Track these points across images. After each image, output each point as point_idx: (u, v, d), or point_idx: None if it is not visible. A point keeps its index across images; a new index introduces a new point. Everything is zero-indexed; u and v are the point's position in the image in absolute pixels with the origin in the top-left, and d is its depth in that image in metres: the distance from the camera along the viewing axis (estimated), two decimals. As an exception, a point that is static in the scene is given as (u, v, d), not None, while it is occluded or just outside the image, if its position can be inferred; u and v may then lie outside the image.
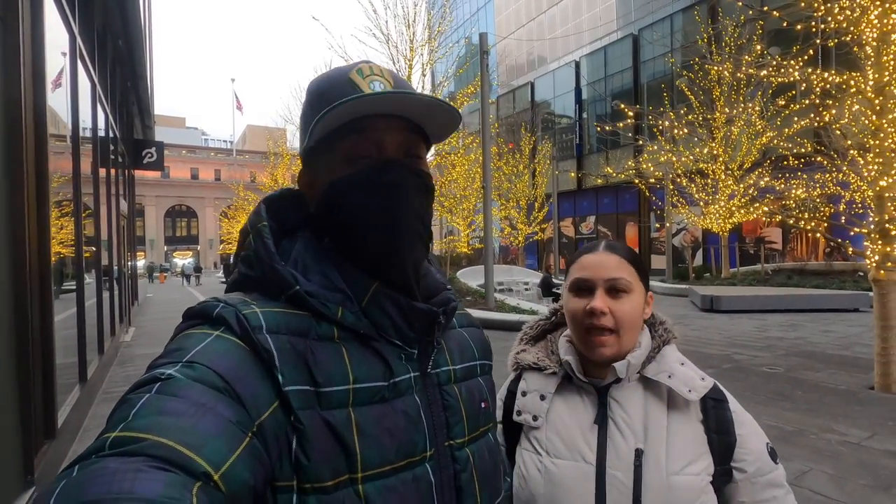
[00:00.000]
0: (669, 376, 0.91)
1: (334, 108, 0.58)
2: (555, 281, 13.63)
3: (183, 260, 50.15)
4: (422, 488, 0.59)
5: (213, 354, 0.51)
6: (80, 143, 5.08)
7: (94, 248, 6.27)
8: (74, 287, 4.92)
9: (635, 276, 0.94)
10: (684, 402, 0.92)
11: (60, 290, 4.36)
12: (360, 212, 0.62)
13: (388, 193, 0.62)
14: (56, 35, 4.18)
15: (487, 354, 0.80)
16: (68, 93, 4.80)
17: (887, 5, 5.28)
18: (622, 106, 10.71)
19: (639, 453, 0.87)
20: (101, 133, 6.92)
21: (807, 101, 6.56)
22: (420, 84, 14.50)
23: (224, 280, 31.02)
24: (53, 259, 3.99)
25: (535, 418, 0.93)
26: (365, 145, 0.63)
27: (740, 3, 6.29)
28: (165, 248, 52.89)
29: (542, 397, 0.94)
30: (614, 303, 0.91)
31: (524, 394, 0.96)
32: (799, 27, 6.12)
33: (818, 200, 7.44)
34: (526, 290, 16.61)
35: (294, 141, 25.57)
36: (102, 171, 7.05)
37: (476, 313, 8.98)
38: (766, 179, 8.35)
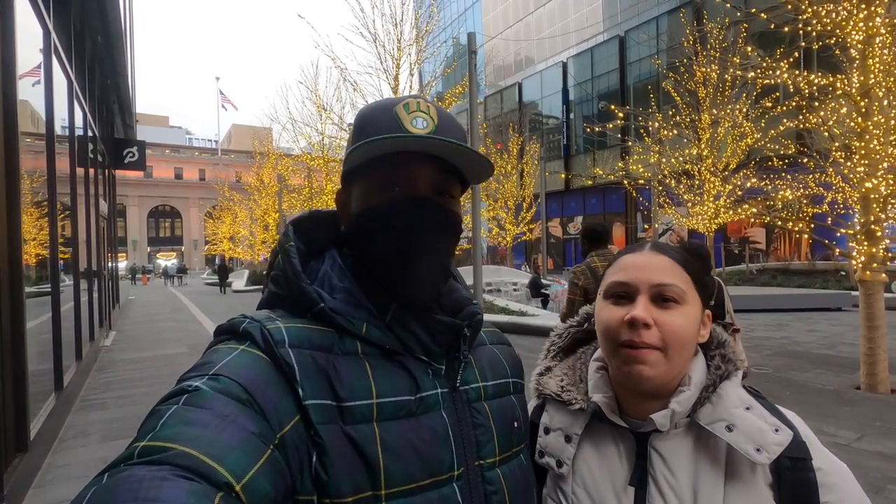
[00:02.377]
0: (729, 428, 0.67)
1: (372, 141, 0.60)
2: (543, 281, 13.64)
3: (166, 261, 49.39)
4: None
5: (237, 367, 0.53)
6: (56, 142, 4.90)
7: (71, 250, 6.08)
8: (50, 290, 4.74)
9: (690, 284, 0.73)
10: (748, 463, 0.67)
11: (35, 294, 4.19)
12: (384, 242, 0.64)
13: (411, 231, 0.63)
14: (28, 29, 4.01)
15: (519, 372, 0.78)
16: (43, 89, 4.62)
17: (872, 9, 5.33)
18: (612, 107, 10.75)
19: None
20: (79, 131, 6.72)
21: (792, 104, 6.62)
22: (408, 84, 14.40)
23: (209, 282, 30.62)
24: (27, 260, 3.83)
25: (559, 464, 0.74)
26: (398, 177, 0.64)
27: (728, 5, 6.31)
28: (149, 249, 52.00)
29: (568, 438, 0.75)
30: (662, 314, 0.69)
31: (547, 431, 0.78)
32: (785, 29, 6.16)
33: (803, 201, 7.51)
34: (514, 290, 16.61)
35: (280, 140, 25.29)
36: (80, 171, 6.85)
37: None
38: (752, 180, 8.43)
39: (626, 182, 18.11)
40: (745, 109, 11.71)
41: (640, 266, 0.73)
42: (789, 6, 5.78)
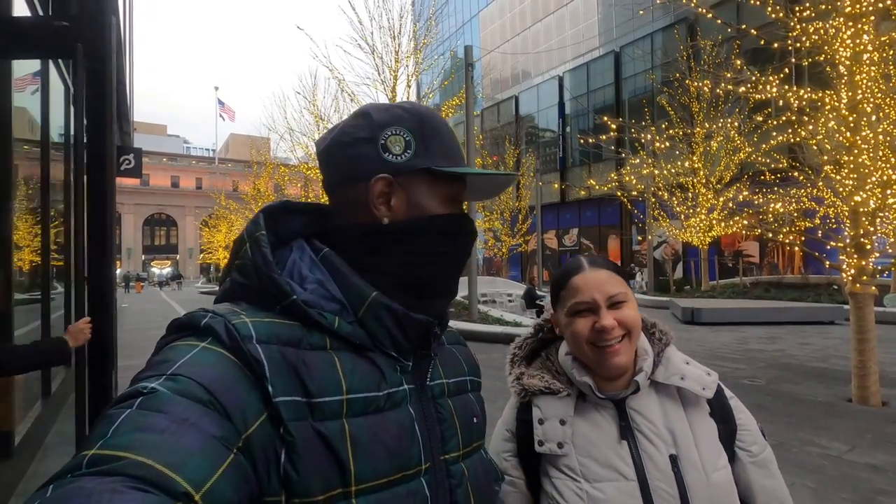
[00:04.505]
0: (682, 378, 0.92)
1: (491, 174, 0.70)
2: (538, 293, 13.64)
3: (161, 269, 49.12)
4: (418, 503, 0.58)
5: (198, 366, 0.50)
6: (51, 147, 4.91)
7: (63, 257, 6.04)
8: (40, 297, 4.71)
9: (625, 285, 0.95)
10: (696, 400, 0.93)
11: (26, 301, 4.16)
12: (450, 249, 0.67)
13: (467, 243, 0.69)
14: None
15: (476, 371, 0.80)
16: (39, 96, 4.64)
17: (860, 26, 5.44)
18: (605, 118, 10.85)
19: (674, 459, 0.87)
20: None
21: (783, 118, 6.72)
22: (405, 95, 14.52)
23: (204, 291, 30.44)
24: (19, 266, 3.81)
25: (560, 445, 0.89)
26: (458, 194, 0.69)
27: (719, 21, 6.43)
28: (143, 256, 51.75)
29: (563, 422, 0.91)
30: (618, 313, 0.91)
31: (541, 421, 0.92)
32: (775, 45, 6.27)
33: (795, 215, 7.59)
34: (510, 301, 16.59)
35: (277, 150, 25.35)
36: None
37: (460, 325, 8.90)
38: (744, 194, 8.52)
39: (619, 194, 18.24)
40: (737, 124, 11.85)
41: (591, 285, 0.92)
42: (779, 23, 5.89)
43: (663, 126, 16.16)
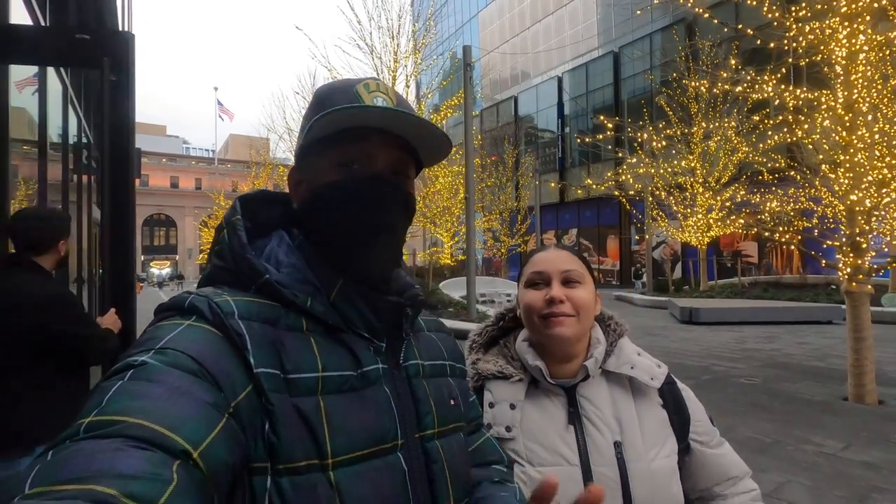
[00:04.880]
0: (632, 367, 0.96)
1: (332, 112, 0.60)
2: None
3: (160, 270, 49.11)
4: (395, 476, 0.60)
5: (186, 341, 0.52)
6: (49, 148, 4.91)
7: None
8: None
9: (585, 270, 0.99)
10: (646, 390, 0.97)
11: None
12: (340, 218, 0.64)
13: (369, 207, 0.64)
14: (24, 35, 4.04)
15: (457, 357, 0.80)
16: (37, 96, 4.64)
17: (855, 26, 5.46)
18: (602, 118, 10.86)
19: (618, 446, 0.90)
20: (74, 138, 6.72)
21: (780, 118, 6.74)
22: (404, 95, 14.52)
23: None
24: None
25: (507, 429, 0.92)
26: (357, 155, 0.64)
27: (716, 21, 6.45)
28: (143, 257, 51.72)
29: (513, 406, 0.93)
30: (570, 291, 0.95)
31: (491, 405, 0.95)
32: (772, 45, 6.29)
33: (792, 214, 7.61)
34: (508, 301, 16.59)
35: (277, 151, 25.39)
36: (73, 178, 6.84)
37: (458, 324, 8.92)
38: (742, 193, 8.53)
39: (618, 194, 18.25)
40: (735, 124, 11.87)
41: (550, 259, 0.98)
42: (776, 23, 5.91)
43: (661, 126, 16.18)
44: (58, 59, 2.49)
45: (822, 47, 5.74)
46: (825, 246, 6.13)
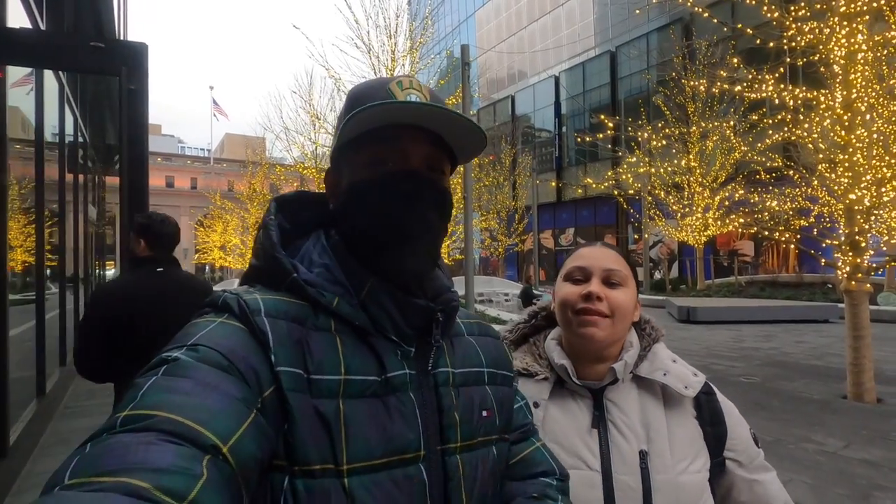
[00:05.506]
0: (664, 374, 0.91)
1: (366, 109, 0.59)
2: (535, 292, 13.67)
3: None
4: (414, 489, 0.58)
5: (216, 337, 0.53)
6: (45, 147, 4.87)
7: (58, 257, 6.00)
8: (35, 297, 4.68)
9: (629, 273, 0.95)
10: (679, 399, 0.92)
11: (20, 301, 4.13)
12: (375, 215, 0.63)
13: (404, 202, 0.63)
14: (20, 32, 4.00)
15: (501, 363, 0.76)
16: (34, 94, 4.60)
17: (854, 26, 5.48)
18: (602, 117, 10.88)
19: (643, 455, 0.86)
20: (70, 137, 6.68)
21: (778, 118, 6.75)
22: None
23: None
24: (14, 267, 3.78)
25: None
26: (390, 152, 0.64)
27: (715, 21, 6.45)
28: (138, 257, 51.44)
29: (536, 405, 0.90)
30: (610, 291, 0.91)
31: None
32: (771, 45, 6.30)
33: (790, 213, 7.64)
34: (506, 300, 16.61)
35: (273, 150, 25.33)
36: (69, 177, 6.79)
37: (456, 324, 8.91)
38: (739, 193, 8.55)
39: (615, 193, 18.29)
40: (732, 123, 11.92)
41: (595, 256, 0.94)
42: (774, 22, 5.92)
43: (659, 125, 16.22)
44: (74, 65, 2.60)
45: (820, 47, 5.75)
46: (824, 245, 6.16)
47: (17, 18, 3.90)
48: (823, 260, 6.01)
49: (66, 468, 0.40)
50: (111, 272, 14.75)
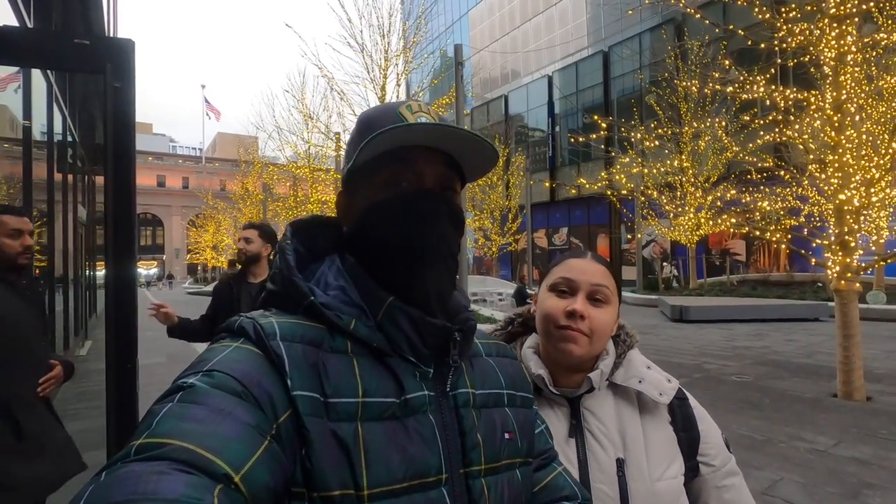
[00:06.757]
0: (640, 381, 0.92)
1: (382, 133, 0.60)
2: (528, 291, 13.66)
3: (147, 270, 48.54)
4: None
5: (231, 362, 0.53)
6: (34, 146, 4.81)
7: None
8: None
9: (615, 290, 0.95)
10: (654, 405, 0.93)
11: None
12: (394, 235, 0.63)
13: (422, 220, 0.63)
14: (7, 31, 3.94)
15: (520, 386, 0.75)
16: (21, 93, 4.54)
17: (844, 27, 5.53)
18: (595, 117, 10.91)
19: (620, 463, 0.86)
20: (59, 136, 6.59)
21: (769, 118, 6.81)
22: (395, 94, 14.46)
23: (191, 291, 30.12)
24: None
25: None
26: (405, 173, 0.65)
27: (707, 21, 6.49)
28: (129, 257, 50.97)
29: None
30: (593, 310, 0.91)
31: None
32: (762, 46, 6.35)
33: (781, 213, 7.70)
34: (500, 300, 16.63)
35: (266, 149, 25.14)
36: (58, 176, 6.71)
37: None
38: (731, 192, 8.62)
39: (608, 192, 18.37)
40: (724, 124, 12.01)
41: (583, 269, 0.93)
42: (765, 24, 5.97)
43: (652, 125, 16.30)
44: (58, 63, 2.53)
45: (811, 48, 5.80)
46: (814, 245, 6.21)
47: (4, 17, 3.85)
48: (814, 259, 6.06)
49: (81, 497, 0.41)
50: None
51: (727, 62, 6.68)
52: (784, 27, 5.77)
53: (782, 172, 7.65)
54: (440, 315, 0.65)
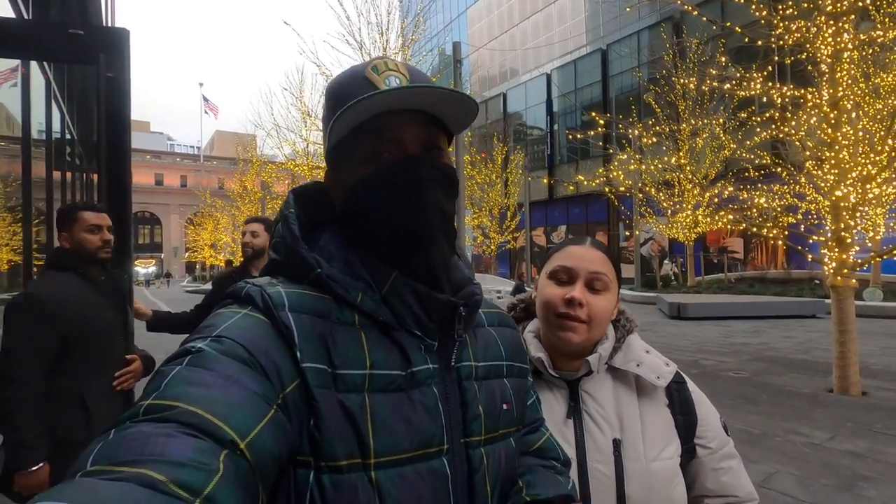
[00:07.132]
0: (638, 365, 0.94)
1: (348, 108, 0.58)
2: (527, 289, 13.70)
3: (144, 268, 48.49)
4: (438, 481, 0.59)
5: (239, 329, 0.53)
6: (32, 144, 4.80)
7: (45, 256, 5.92)
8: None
9: (614, 276, 0.96)
10: (652, 388, 0.95)
11: (6, 300, 4.08)
12: (383, 212, 0.62)
13: (409, 192, 0.61)
14: (6, 27, 3.94)
15: (518, 356, 0.77)
16: (20, 90, 4.53)
17: (840, 25, 5.55)
18: (593, 114, 10.93)
19: (617, 443, 0.89)
20: (57, 134, 6.58)
21: (767, 116, 6.83)
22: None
23: (190, 290, 30.06)
24: (-1, 265, 3.73)
25: None
26: (384, 143, 0.62)
27: (704, 19, 6.51)
28: (127, 256, 50.86)
29: None
30: (592, 297, 0.92)
31: None
32: (759, 43, 6.37)
33: (778, 210, 7.73)
34: (499, 297, 16.67)
35: (264, 147, 25.12)
36: (57, 174, 6.70)
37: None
38: (729, 190, 8.66)
39: (607, 190, 18.39)
40: (722, 121, 12.04)
41: (582, 256, 0.94)
42: (763, 21, 5.99)
43: (650, 123, 16.33)
44: (51, 54, 2.49)
45: (807, 45, 5.83)
46: (811, 241, 6.24)
47: (2, 10, 3.85)
48: (810, 256, 6.09)
49: (90, 454, 0.41)
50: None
51: (724, 59, 6.70)
52: (781, 24, 5.79)
53: (779, 169, 7.68)
54: (446, 287, 0.64)
